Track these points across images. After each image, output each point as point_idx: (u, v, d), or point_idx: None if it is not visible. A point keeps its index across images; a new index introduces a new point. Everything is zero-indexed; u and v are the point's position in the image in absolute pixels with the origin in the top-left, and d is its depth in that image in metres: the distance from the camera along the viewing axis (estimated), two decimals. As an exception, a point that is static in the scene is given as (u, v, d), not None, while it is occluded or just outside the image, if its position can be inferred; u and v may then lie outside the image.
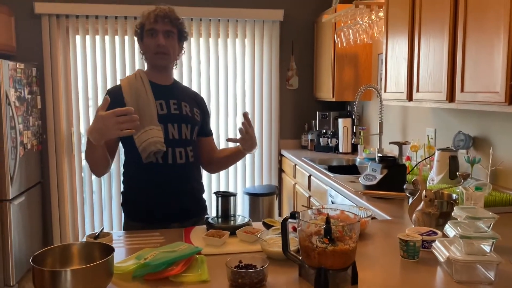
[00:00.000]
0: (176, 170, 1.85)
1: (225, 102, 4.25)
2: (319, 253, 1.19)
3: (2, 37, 3.64)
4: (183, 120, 1.88)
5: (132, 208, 1.92)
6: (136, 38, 1.92)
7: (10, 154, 3.26)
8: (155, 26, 1.81)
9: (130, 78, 1.88)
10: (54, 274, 1.10)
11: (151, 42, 1.82)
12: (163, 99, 1.86)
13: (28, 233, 3.62)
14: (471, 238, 1.24)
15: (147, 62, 1.92)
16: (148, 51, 1.85)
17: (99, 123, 1.53)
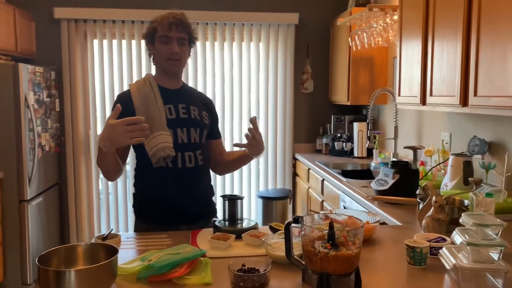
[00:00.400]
0: (185, 174, 1.86)
1: (239, 106, 4.27)
2: (321, 258, 1.18)
3: (23, 42, 3.73)
4: (192, 124, 1.89)
5: (142, 210, 1.94)
6: (144, 40, 1.91)
7: (28, 155, 3.34)
8: (169, 33, 1.81)
9: (139, 83, 1.89)
10: (58, 274, 1.12)
11: (164, 49, 1.83)
12: (171, 104, 1.87)
13: (45, 233, 3.70)
14: (478, 246, 1.21)
15: (157, 66, 1.93)
16: (160, 57, 1.85)
17: (110, 131, 1.56)
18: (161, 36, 1.82)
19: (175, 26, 1.82)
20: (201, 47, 4.16)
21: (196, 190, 1.91)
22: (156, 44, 1.85)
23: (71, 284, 1.12)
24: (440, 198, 1.68)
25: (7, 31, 3.49)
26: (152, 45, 1.87)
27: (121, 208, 4.22)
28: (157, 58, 1.88)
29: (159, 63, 1.90)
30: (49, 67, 3.85)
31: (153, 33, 1.85)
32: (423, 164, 2.70)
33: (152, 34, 1.85)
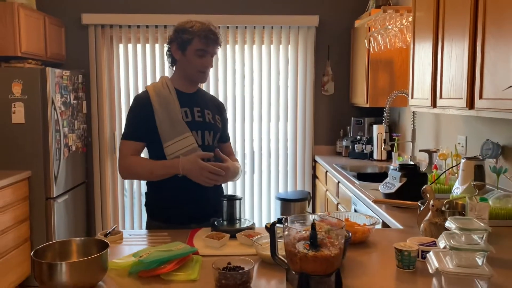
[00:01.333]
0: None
1: (259, 108, 4.31)
2: (301, 259, 1.20)
3: (53, 47, 3.92)
4: (206, 127, 1.94)
5: (154, 209, 2.00)
6: (172, 44, 1.90)
7: (54, 155, 3.50)
8: (207, 48, 1.86)
9: (157, 86, 1.94)
10: (51, 266, 1.20)
11: (199, 62, 1.86)
12: (187, 107, 1.93)
13: (72, 230, 3.86)
14: (460, 250, 1.20)
15: (180, 72, 1.94)
16: (193, 68, 1.88)
17: (196, 170, 1.77)
18: (199, 49, 1.85)
19: (213, 41, 1.87)
20: (222, 51, 4.23)
21: (208, 191, 1.94)
22: (189, 54, 1.86)
23: (63, 276, 1.19)
24: (437, 202, 1.67)
25: (37, 37, 3.67)
26: (183, 52, 1.88)
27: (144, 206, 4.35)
28: (187, 67, 1.90)
29: (187, 72, 1.92)
30: (77, 71, 4.02)
31: (187, 42, 1.85)
32: (436, 167, 2.65)
33: (185, 43, 1.86)
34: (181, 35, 1.86)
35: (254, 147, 4.36)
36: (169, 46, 1.93)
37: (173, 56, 1.92)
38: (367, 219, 1.73)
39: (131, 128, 1.90)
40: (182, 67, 1.92)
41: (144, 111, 1.87)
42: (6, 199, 3.16)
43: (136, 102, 1.93)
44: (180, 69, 1.94)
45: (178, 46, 1.88)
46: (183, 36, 1.85)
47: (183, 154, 1.83)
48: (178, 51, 1.89)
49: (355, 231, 1.61)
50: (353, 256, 1.50)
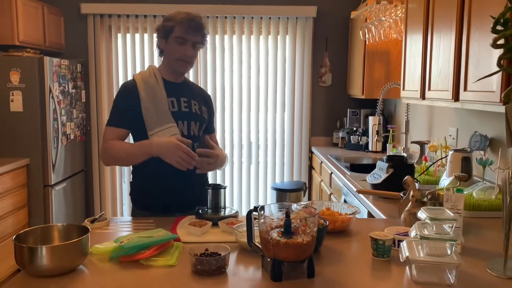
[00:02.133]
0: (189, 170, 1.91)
1: (256, 99, 4.33)
2: (273, 245, 1.23)
3: (51, 36, 3.95)
4: (192, 118, 1.96)
5: (139, 197, 2.03)
6: (157, 33, 1.93)
7: (52, 143, 3.55)
8: (186, 35, 1.86)
9: (144, 74, 1.96)
10: (31, 250, 1.24)
11: (177, 49, 1.87)
12: (174, 97, 1.94)
13: (70, 217, 3.93)
14: (430, 239, 1.23)
15: (165, 61, 1.97)
16: (172, 56, 1.90)
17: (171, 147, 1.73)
18: (178, 37, 1.86)
19: (193, 30, 1.87)
20: (220, 41, 4.24)
21: (192, 179, 1.98)
22: (170, 42, 1.88)
23: (44, 260, 1.23)
24: (417, 192, 1.69)
25: (36, 26, 3.70)
26: (165, 41, 1.90)
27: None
28: (168, 55, 1.92)
29: (169, 60, 1.94)
30: (76, 60, 4.06)
31: (168, 31, 1.88)
32: (426, 159, 2.66)
33: (167, 31, 1.88)
34: (165, 23, 1.89)
35: (251, 138, 4.38)
36: (156, 35, 1.95)
37: (159, 45, 1.95)
38: (349, 208, 1.76)
39: (116, 114, 1.91)
40: (165, 56, 1.94)
41: (130, 98, 1.89)
42: (5, 186, 3.23)
43: (122, 89, 1.94)
44: (164, 58, 1.96)
45: (161, 35, 1.91)
46: (166, 24, 1.88)
47: None
48: (162, 40, 1.91)
49: (335, 220, 1.64)
50: (331, 245, 1.53)
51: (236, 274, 1.30)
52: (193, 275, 1.29)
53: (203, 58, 4.25)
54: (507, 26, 1.17)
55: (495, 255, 1.43)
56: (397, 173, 2.24)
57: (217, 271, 1.28)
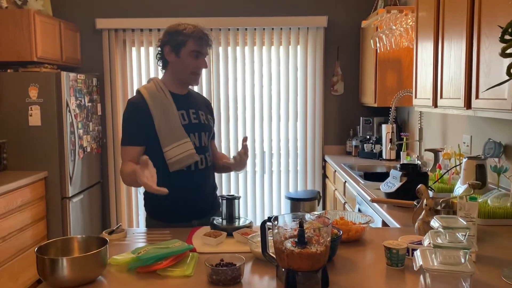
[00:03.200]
0: (198, 176, 1.98)
1: (268, 109, 4.36)
2: (288, 255, 1.25)
3: (68, 51, 4.06)
4: (202, 129, 1.99)
5: (154, 208, 2.05)
6: (165, 47, 1.90)
7: (70, 156, 3.63)
8: (201, 49, 1.89)
9: (151, 88, 1.92)
10: (53, 261, 1.28)
11: (193, 63, 1.89)
12: (184, 110, 1.96)
13: (87, 228, 3.99)
14: (443, 248, 1.23)
15: (171, 74, 1.96)
16: (186, 69, 1.91)
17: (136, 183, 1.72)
18: (193, 51, 1.88)
19: (206, 43, 1.91)
20: (232, 52, 4.30)
21: (205, 188, 2.03)
22: (183, 56, 1.89)
23: (64, 271, 1.27)
24: (430, 201, 1.70)
25: (53, 42, 3.81)
26: (176, 54, 1.90)
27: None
28: (180, 69, 1.92)
29: (180, 74, 1.93)
30: (91, 74, 4.15)
31: (181, 44, 1.88)
32: (440, 167, 2.65)
33: (179, 45, 1.88)
34: (175, 37, 1.88)
35: (264, 147, 4.41)
36: (161, 48, 1.93)
37: (166, 58, 1.92)
38: (362, 218, 1.77)
39: (129, 133, 1.90)
40: (175, 70, 1.93)
41: (141, 115, 1.87)
42: (24, 198, 3.30)
43: (132, 106, 1.92)
44: (173, 72, 1.94)
45: (172, 48, 1.89)
46: (178, 38, 1.87)
47: (182, 159, 1.88)
48: (172, 53, 1.90)
49: (349, 230, 1.65)
50: (345, 254, 1.54)
51: (251, 284, 1.32)
52: (209, 285, 1.31)
53: (215, 69, 4.31)
54: (516, 35, 1.18)
55: (511, 263, 1.42)
56: (411, 181, 2.23)
57: (232, 281, 1.30)
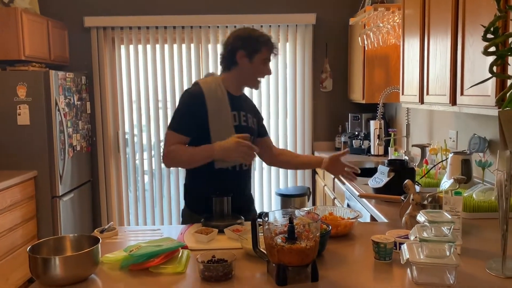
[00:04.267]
0: (240, 176, 2.04)
1: (258, 106, 4.37)
2: (278, 251, 1.28)
3: (56, 50, 4.03)
4: (248, 132, 2.00)
5: (193, 200, 2.07)
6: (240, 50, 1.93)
7: (59, 155, 3.61)
8: (270, 57, 1.98)
9: (211, 85, 1.96)
10: (45, 260, 1.29)
11: (263, 69, 1.97)
12: (236, 111, 2.00)
13: (78, 227, 3.98)
14: (428, 242, 1.27)
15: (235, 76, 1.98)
16: (255, 74, 1.97)
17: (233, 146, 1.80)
18: (266, 58, 1.96)
19: (276, 50, 2.00)
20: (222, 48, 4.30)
21: (245, 189, 2.09)
22: (256, 61, 1.94)
23: (57, 270, 1.28)
24: (417, 196, 1.73)
25: (41, 40, 3.78)
26: (250, 60, 1.94)
27: (148, 203, 4.46)
28: (250, 74, 1.97)
29: (247, 78, 1.99)
30: (80, 72, 4.13)
31: (256, 51, 1.93)
32: (426, 162, 2.70)
33: (255, 51, 1.93)
34: (251, 44, 1.92)
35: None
36: (232, 51, 1.94)
37: (237, 61, 1.94)
38: (351, 213, 1.80)
39: (181, 121, 1.93)
40: (243, 73, 1.97)
41: (197, 107, 1.91)
42: (14, 198, 3.29)
43: (190, 96, 1.96)
44: (240, 75, 1.98)
45: (246, 54, 1.93)
46: (253, 44, 1.92)
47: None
48: (245, 58, 1.93)
49: (338, 225, 1.68)
50: (334, 249, 1.57)
51: (243, 280, 1.34)
52: (201, 281, 1.33)
53: (205, 67, 4.32)
54: (497, 34, 1.22)
55: (494, 255, 1.47)
56: (398, 176, 2.28)
57: (224, 277, 1.32)
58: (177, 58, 4.31)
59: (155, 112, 4.35)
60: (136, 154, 4.42)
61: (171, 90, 4.33)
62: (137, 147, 4.42)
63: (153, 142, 4.41)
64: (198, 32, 4.28)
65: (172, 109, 4.34)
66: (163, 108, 4.36)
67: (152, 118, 4.36)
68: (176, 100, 4.33)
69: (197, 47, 4.32)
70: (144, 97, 4.33)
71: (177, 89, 4.33)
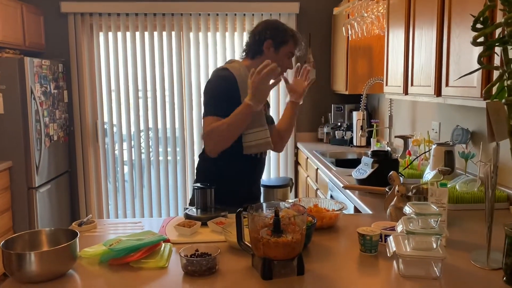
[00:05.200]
0: (260, 163, 2.09)
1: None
2: (264, 244, 1.25)
3: (31, 36, 3.89)
4: (269, 121, 2.06)
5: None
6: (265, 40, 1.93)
7: (35, 145, 3.50)
8: (294, 52, 2.00)
9: (239, 71, 1.95)
10: (20, 256, 1.23)
11: (286, 62, 1.99)
12: None
13: (56, 219, 3.88)
14: (415, 234, 1.26)
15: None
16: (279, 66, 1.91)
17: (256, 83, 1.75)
18: (291, 52, 1.98)
19: (301, 47, 2.02)
20: (203, 38, 4.23)
21: (260, 176, 2.16)
22: (281, 54, 1.96)
23: (32, 266, 1.22)
24: (402, 187, 1.72)
25: (15, 26, 3.64)
26: (276, 51, 1.95)
27: (128, 195, 4.38)
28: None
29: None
30: (57, 60, 4.00)
31: (283, 43, 1.95)
32: (409, 153, 2.71)
33: (282, 43, 1.95)
34: (279, 34, 1.94)
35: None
36: (259, 40, 1.94)
37: (263, 50, 1.95)
38: (336, 204, 1.78)
39: (218, 105, 1.89)
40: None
41: (231, 91, 1.90)
42: (-13, 190, 3.18)
43: (223, 80, 1.93)
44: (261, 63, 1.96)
45: (273, 43, 1.94)
46: (282, 36, 1.94)
47: (261, 145, 1.94)
48: (272, 48, 1.95)
49: (323, 217, 1.66)
50: (319, 241, 1.55)
51: (227, 274, 1.31)
52: (184, 276, 1.29)
53: (187, 56, 4.23)
54: (487, 24, 1.20)
55: (478, 246, 1.47)
56: (382, 168, 2.27)
57: (207, 272, 1.29)
58: (157, 46, 4.21)
59: (135, 102, 4.26)
60: (116, 145, 4.33)
61: (151, 79, 4.24)
62: (116, 137, 4.32)
63: (132, 132, 4.32)
64: (179, 19, 4.19)
65: (152, 98, 4.25)
66: (143, 97, 4.27)
67: (132, 108, 4.26)
68: (156, 89, 4.24)
69: (178, 35, 4.23)
70: (123, 86, 4.23)
71: (157, 78, 4.24)
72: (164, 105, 4.29)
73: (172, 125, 4.31)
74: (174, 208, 4.35)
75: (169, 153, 4.37)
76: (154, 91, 4.24)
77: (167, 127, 4.32)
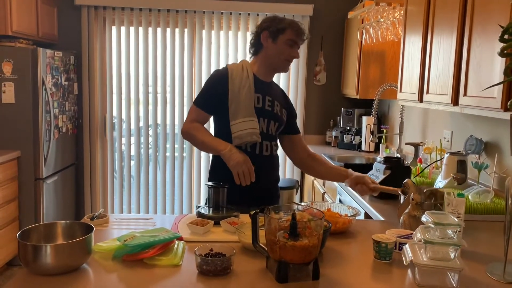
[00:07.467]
0: (261, 160, 2.00)
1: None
2: (280, 247, 1.24)
3: (45, 27, 3.89)
4: (273, 117, 2.02)
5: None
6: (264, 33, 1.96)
7: (44, 136, 3.50)
8: (297, 39, 1.97)
9: (237, 68, 2.00)
10: (36, 248, 1.22)
11: (288, 51, 1.96)
12: (260, 94, 2.00)
13: (60, 211, 3.88)
14: (434, 244, 1.25)
15: (261, 59, 2.01)
16: (280, 56, 1.97)
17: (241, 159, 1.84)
18: (290, 39, 1.95)
19: (302, 34, 1.98)
20: (215, 36, 4.23)
21: (268, 176, 2.06)
22: (279, 43, 1.95)
23: (48, 258, 1.22)
24: (417, 196, 1.71)
25: (29, 16, 3.64)
26: (273, 41, 1.95)
27: (134, 190, 4.38)
28: (274, 55, 1.98)
29: (273, 60, 1.99)
30: (69, 52, 4.00)
31: (280, 31, 1.95)
32: (421, 161, 2.70)
33: (278, 32, 1.95)
34: (275, 24, 1.95)
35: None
36: (257, 34, 1.98)
37: (261, 43, 1.97)
38: (349, 210, 1.77)
39: (204, 97, 2.02)
40: (267, 55, 1.99)
41: (219, 85, 1.96)
42: (-5, 179, 3.18)
43: (215, 75, 2.03)
44: (265, 56, 2.00)
45: (269, 34, 1.95)
46: (278, 25, 1.94)
47: (242, 135, 1.90)
48: (269, 39, 1.96)
49: (336, 222, 1.65)
50: (333, 246, 1.54)
51: (241, 275, 1.30)
52: (198, 275, 1.29)
53: (198, 53, 4.23)
54: (515, 35, 1.19)
55: (493, 258, 1.46)
56: (394, 174, 2.26)
57: (222, 272, 1.28)
58: (169, 43, 4.21)
59: (145, 97, 4.26)
60: (123, 139, 4.33)
61: (162, 75, 4.23)
62: (124, 132, 4.32)
63: (140, 127, 4.31)
64: (193, 17, 4.18)
65: (162, 94, 4.26)
66: (153, 93, 4.27)
67: (141, 103, 4.26)
68: (166, 85, 4.25)
69: (190, 32, 4.23)
70: (134, 81, 4.23)
71: (168, 74, 4.24)
72: (174, 102, 4.29)
73: (180, 121, 4.31)
74: (179, 205, 4.35)
75: (176, 149, 4.36)
76: (164, 87, 4.24)
77: (176, 123, 4.32)
